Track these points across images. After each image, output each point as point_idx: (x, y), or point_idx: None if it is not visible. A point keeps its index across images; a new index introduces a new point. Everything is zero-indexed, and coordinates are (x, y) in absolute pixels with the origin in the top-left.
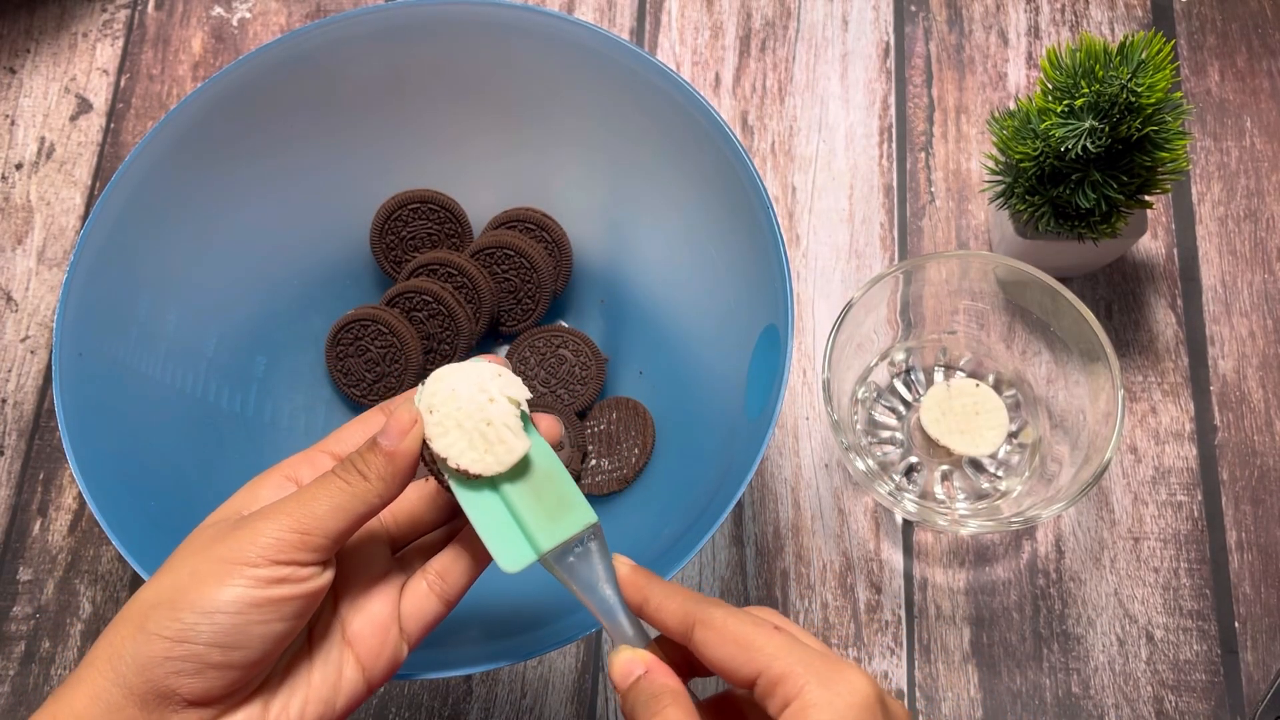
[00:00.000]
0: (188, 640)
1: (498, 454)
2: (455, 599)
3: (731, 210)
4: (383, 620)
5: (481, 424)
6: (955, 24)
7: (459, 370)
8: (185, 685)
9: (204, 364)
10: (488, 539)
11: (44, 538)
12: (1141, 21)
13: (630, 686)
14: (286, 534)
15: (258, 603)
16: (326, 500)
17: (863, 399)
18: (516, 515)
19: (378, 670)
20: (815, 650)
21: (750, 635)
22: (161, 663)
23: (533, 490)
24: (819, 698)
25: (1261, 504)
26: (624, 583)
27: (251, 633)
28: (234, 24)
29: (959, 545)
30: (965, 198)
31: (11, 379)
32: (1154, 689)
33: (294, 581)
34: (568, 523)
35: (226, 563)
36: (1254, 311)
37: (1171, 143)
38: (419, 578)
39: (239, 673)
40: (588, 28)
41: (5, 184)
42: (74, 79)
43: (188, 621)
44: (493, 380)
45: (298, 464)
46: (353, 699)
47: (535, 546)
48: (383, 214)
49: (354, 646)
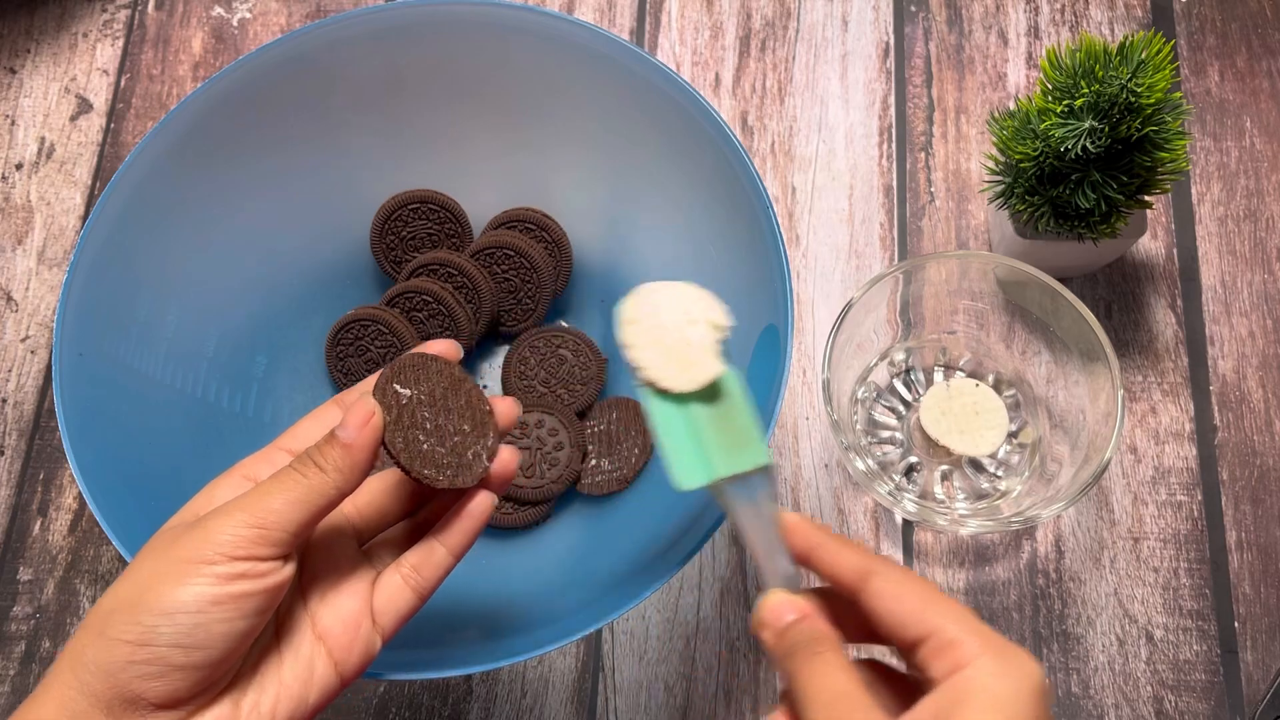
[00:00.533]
0: (149, 643)
1: (692, 374)
2: (429, 591)
3: (731, 210)
4: (354, 614)
5: (681, 343)
6: (955, 24)
7: (665, 288)
8: (150, 688)
9: (204, 364)
10: (668, 453)
11: (44, 537)
12: (1141, 22)
13: (786, 628)
14: (243, 530)
15: (218, 600)
16: (283, 494)
17: (862, 399)
18: (698, 438)
19: (350, 664)
20: (988, 628)
21: (929, 594)
22: (125, 667)
23: (718, 418)
24: (993, 669)
25: (1261, 504)
26: (793, 529)
27: (214, 631)
28: (234, 24)
29: (959, 545)
30: (965, 198)
31: (12, 379)
32: (1154, 689)
33: (253, 577)
34: (745, 457)
35: (185, 562)
36: (1254, 311)
37: (1171, 143)
38: (392, 571)
39: (203, 673)
40: (588, 28)
41: (5, 184)
42: (74, 79)
43: (148, 624)
44: (696, 303)
45: (255, 463)
46: (326, 694)
47: (710, 471)
48: (383, 214)
49: (326, 641)
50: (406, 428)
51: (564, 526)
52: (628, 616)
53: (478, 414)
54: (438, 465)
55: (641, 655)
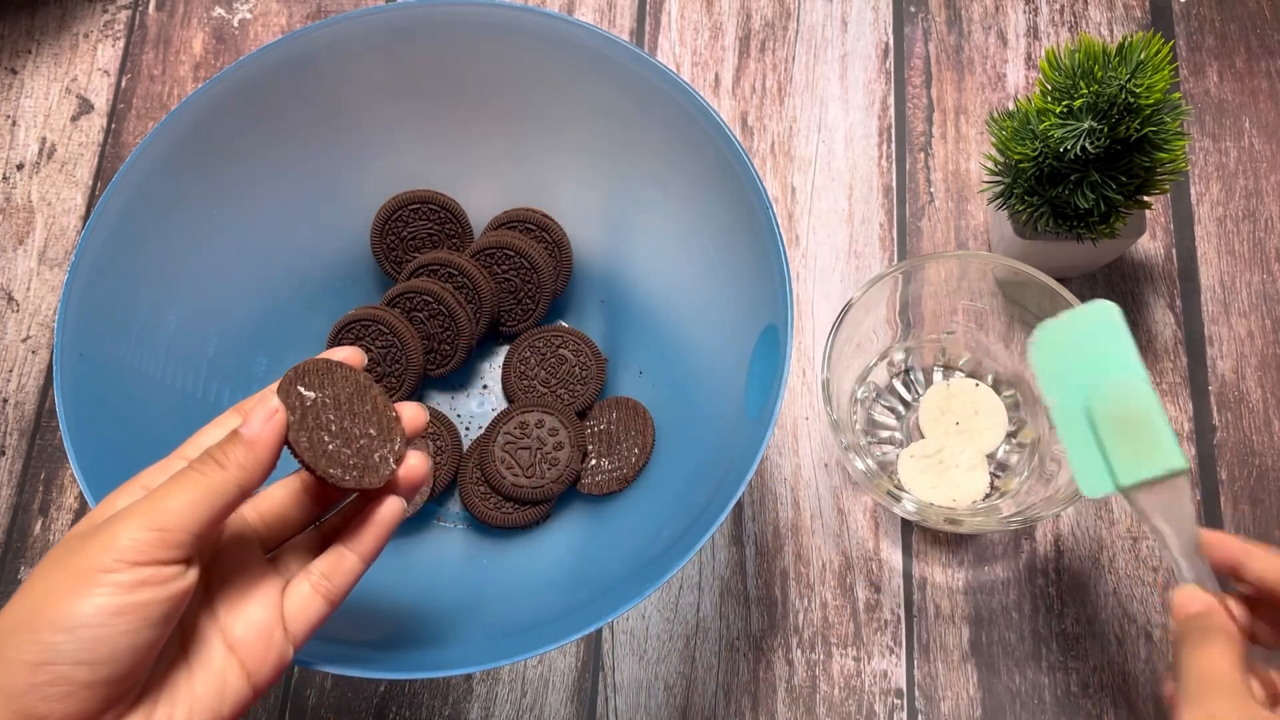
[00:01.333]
0: (51, 662)
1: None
2: (340, 598)
3: (731, 210)
4: (265, 624)
5: None
6: (954, 25)
7: None
8: (55, 710)
9: (205, 364)
10: (1074, 463)
11: (45, 537)
12: (1140, 22)
13: (1186, 618)
14: (143, 534)
15: (120, 610)
16: (182, 494)
17: (862, 399)
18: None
19: (263, 674)
20: None
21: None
22: (27, 690)
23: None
24: None
25: (1260, 504)
26: (1212, 543)
27: (117, 644)
28: (234, 25)
29: (958, 545)
30: (964, 198)
31: (13, 379)
32: (1152, 688)
33: (156, 584)
34: (1153, 463)
35: (83, 572)
36: (1252, 312)
37: (1170, 143)
38: (302, 578)
39: (109, 688)
40: (588, 28)
41: (7, 184)
42: (75, 79)
43: (48, 641)
44: None
45: (153, 472)
46: (238, 705)
47: (1115, 480)
48: (383, 214)
49: (237, 652)
50: (311, 429)
51: (564, 526)
52: (628, 616)
53: (384, 419)
54: (343, 465)
55: (641, 654)
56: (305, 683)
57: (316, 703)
